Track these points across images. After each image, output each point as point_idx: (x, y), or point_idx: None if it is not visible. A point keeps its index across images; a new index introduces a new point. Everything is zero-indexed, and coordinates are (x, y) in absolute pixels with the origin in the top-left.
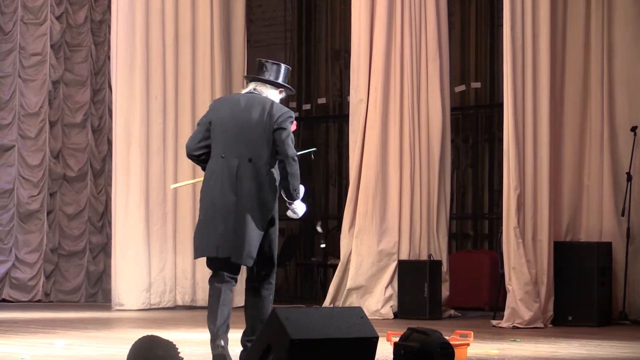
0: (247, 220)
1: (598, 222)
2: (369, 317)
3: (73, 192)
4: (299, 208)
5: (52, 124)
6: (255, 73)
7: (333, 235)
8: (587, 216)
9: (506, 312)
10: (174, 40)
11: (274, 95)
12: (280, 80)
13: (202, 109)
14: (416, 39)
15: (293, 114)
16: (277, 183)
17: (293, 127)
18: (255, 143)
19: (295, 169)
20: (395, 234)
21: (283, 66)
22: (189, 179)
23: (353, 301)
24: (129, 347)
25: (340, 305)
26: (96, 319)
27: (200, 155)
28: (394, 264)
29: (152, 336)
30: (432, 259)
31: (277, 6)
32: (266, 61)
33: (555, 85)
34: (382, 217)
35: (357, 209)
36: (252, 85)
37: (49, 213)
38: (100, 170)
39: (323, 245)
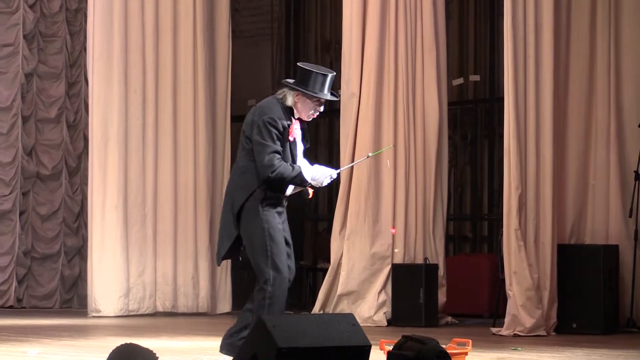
0: (222, 222)
1: (604, 224)
2: (361, 324)
3: (47, 192)
4: (320, 181)
5: (24, 119)
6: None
7: (323, 238)
8: (592, 217)
9: (506, 319)
10: (154, 30)
11: (290, 99)
12: (298, 85)
13: (184, 103)
14: (411, 28)
15: (269, 118)
16: (255, 185)
17: (291, 131)
18: (239, 146)
19: (278, 179)
20: (389, 236)
21: (314, 72)
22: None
23: (344, 307)
24: (106, 356)
25: (330, 312)
26: (71, 326)
27: None
28: (387, 268)
29: (130, 344)
30: (428, 262)
31: None
32: (303, 65)
33: (559, 78)
34: (375, 219)
35: (349, 209)
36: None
37: (21, 214)
38: (75, 169)
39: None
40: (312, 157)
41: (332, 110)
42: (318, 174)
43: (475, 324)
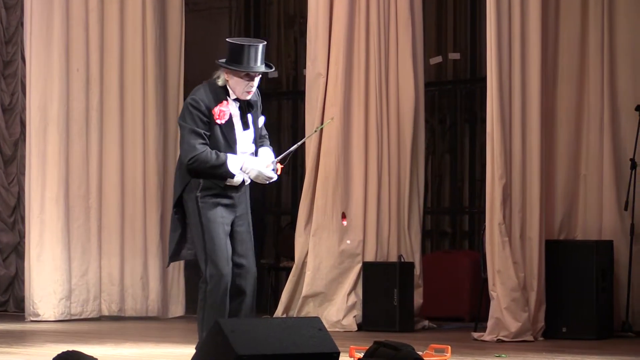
0: (170, 221)
1: (597, 218)
2: (329, 329)
3: None
4: (251, 174)
5: None
6: None
7: (286, 234)
8: (584, 210)
9: (489, 323)
10: (98, 3)
11: (221, 78)
12: (226, 62)
13: (132, 85)
14: (384, 1)
15: (191, 100)
16: (190, 178)
17: (221, 113)
18: None
19: (197, 167)
20: (359, 231)
21: (239, 44)
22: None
23: (310, 310)
24: None
25: (294, 316)
26: (7, 331)
27: None
28: (358, 267)
29: (73, 352)
30: (402, 260)
31: None
32: (230, 40)
33: (547, 57)
34: (345, 212)
35: (315, 202)
36: None
37: None
38: (11, 157)
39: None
40: (275, 145)
41: (296, 92)
42: (248, 165)
43: (455, 328)
